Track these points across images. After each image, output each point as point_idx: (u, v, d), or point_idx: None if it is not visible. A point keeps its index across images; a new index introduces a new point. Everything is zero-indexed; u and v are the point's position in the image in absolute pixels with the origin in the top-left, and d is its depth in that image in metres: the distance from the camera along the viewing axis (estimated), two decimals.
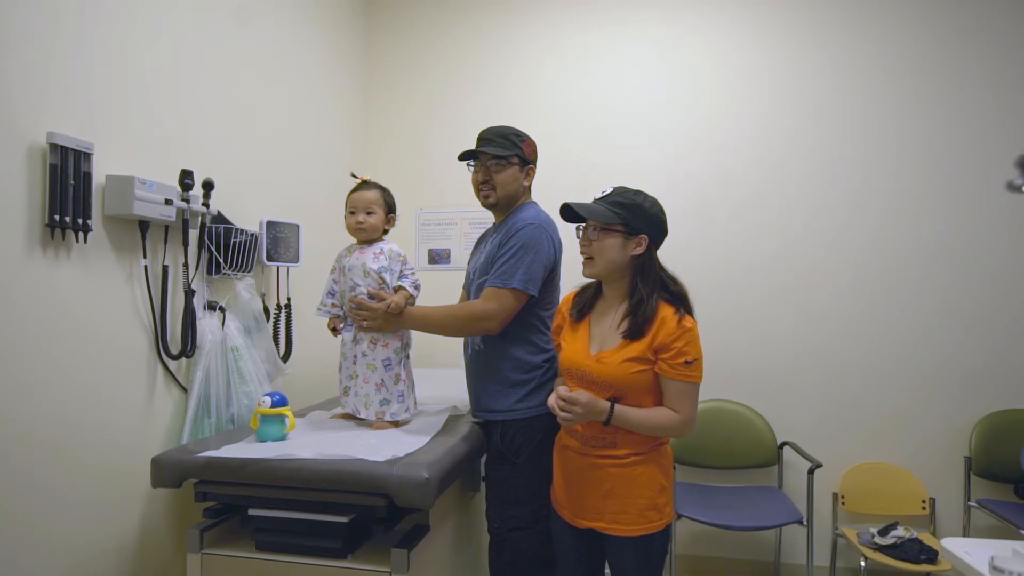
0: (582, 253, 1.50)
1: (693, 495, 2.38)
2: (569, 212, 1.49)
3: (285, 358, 2.11)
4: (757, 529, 2.08)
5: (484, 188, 1.76)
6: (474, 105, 2.85)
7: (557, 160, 2.73)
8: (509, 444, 1.69)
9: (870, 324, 2.50)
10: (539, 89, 2.79)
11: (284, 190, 2.23)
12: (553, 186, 2.67)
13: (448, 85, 2.87)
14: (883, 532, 2.24)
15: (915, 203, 2.49)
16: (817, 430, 2.51)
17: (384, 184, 2.95)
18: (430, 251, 2.84)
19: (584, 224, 1.50)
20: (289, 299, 2.15)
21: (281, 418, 1.51)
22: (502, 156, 1.72)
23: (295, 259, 2.12)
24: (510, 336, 1.72)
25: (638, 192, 1.49)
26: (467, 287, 1.90)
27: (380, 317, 1.66)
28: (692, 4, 2.67)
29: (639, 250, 1.46)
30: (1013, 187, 0.50)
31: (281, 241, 2.06)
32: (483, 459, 1.82)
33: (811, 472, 2.18)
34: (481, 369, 1.77)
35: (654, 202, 1.50)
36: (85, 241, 1.40)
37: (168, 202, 1.56)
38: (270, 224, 2.01)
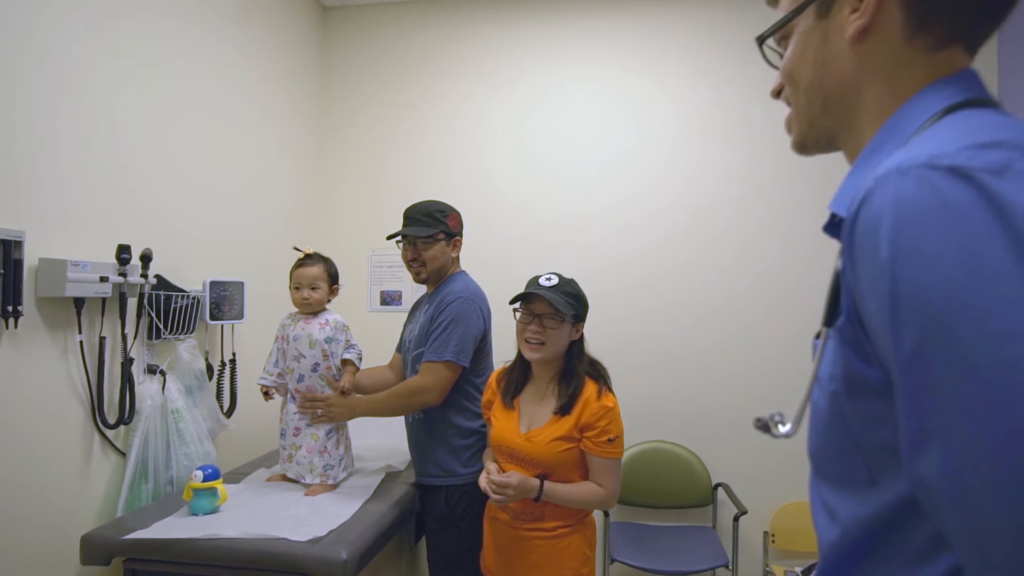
0: (533, 339, 1.55)
1: (629, 535, 2.48)
2: (528, 293, 1.56)
3: (229, 413, 2.16)
4: (685, 573, 2.19)
5: (414, 265, 1.87)
6: (425, 150, 2.91)
7: (499, 205, 2.81)
8: (454, 508, 1.78)
9: (806, 369, 2.61)
10: (486, 134, 2.87)
11: (231, 246, 2.27)
12: (497, 231, 2.77)
13: (401, 131, 2.93)
14: (806, 572, 2.35)
15: None
16: (751, 470, 2.62)
17: (337, 229, 3.01)
18: (382, 292, 2.90)
19: (526, 305, 1.57)
20: (234, 354, 2.20)
21: (213, 491, 1.56)
22: (428, 236, 1.81)
23: (240, 316, 2.17)
24: (447, 403, 1.81)
25: (573, 281, 1.60)
26: (403, 354, 1.98)
27: (334, 404, 1.75)
28: (642, 65, 2.76)
29: (576, 336, 1.58)
30: (760, 425, 0.59)
31: (225, 299, 2.10)
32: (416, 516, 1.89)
33: (736, 519, 2.29)
34: (423, 436, 1.86)
35: (582, 291, 1.61)
36: (16, 327, 1.44)
37: (103, 279, 1.60)
38: (214, 284, 2.06)
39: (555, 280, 1.57)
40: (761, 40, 0.67)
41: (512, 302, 1.59)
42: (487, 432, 1.81)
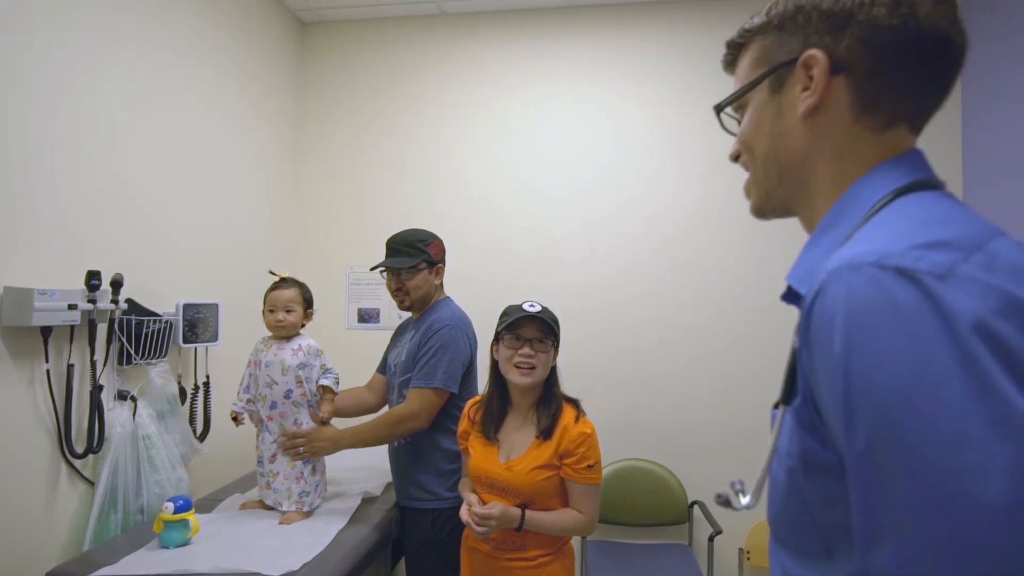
0: (525, 364, 1.56)
1: (606, 554, 2.49)
2: (518, 318, 1.56)
3: (202, 437, 2.12)
4: None
5: (398, 294, 1.90)
6: (405, 167, 2.90)
7: (479, 222, 2.82)
8: (439, 531, 1.78)
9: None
10: (466, 152, 2.87)
11: (206, 266, 2.23)
12: (476, 249, 2.77)
13: (380, 147, 2.92)
14: None
15: None
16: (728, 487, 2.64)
17: (315, 246, 2.99)
18: (359, 310, 2.88)
19: (515, 331, 1.58)
20: (208, 377, 2.17)
21: (184, 523, 1.54)
22: (410, 266, 1.85)
23: (214, 338, 2.14)
24: (435, 427, 1.83)
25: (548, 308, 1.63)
26: (388, 378, 1.99)
27: (315, 439, 1.73)
28: (618, 90, 2.79)
29: (554, 361, 1.61)
30: (721, 500, 0.60)
31: (199, 322, 2.07)
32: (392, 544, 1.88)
33: (711, 539, 2.31)
34: (408, 459, 1.87)
35: None
36: None
37: (72, 307, 1.57)
38: (187, 306, 2.03)
39: (538, 307, 1.59)
40: (719, 109, 0.69)
41: (504, 329, 1.58)
42: None
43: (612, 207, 2.77)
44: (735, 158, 0.70)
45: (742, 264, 2.69)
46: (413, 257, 1.86)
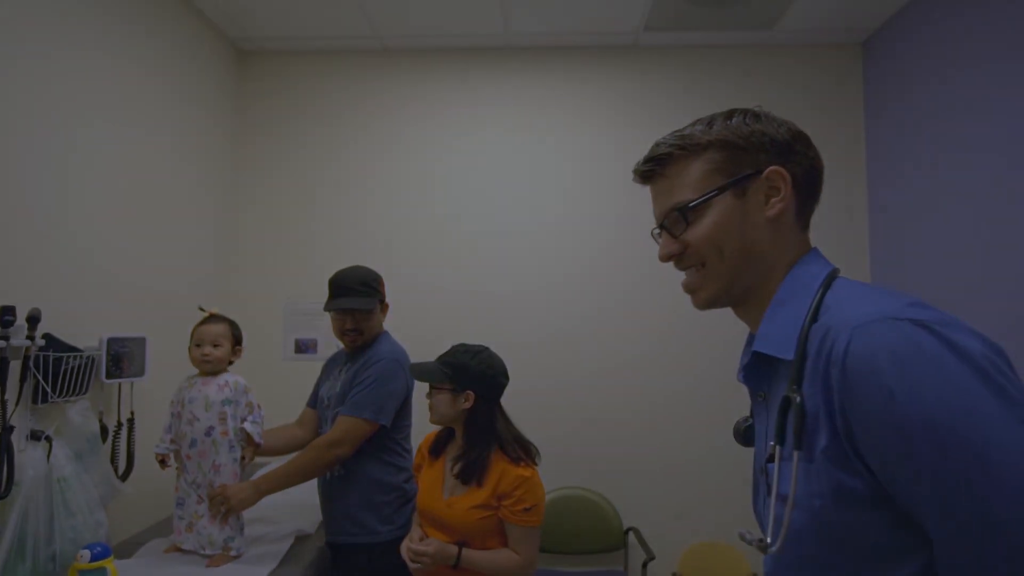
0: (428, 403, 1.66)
1: None
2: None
3: (125, 476, 2.03)
4: None
5: (351, 334, 1.85)
6: (343, 199, 2.90)
7: (418, 257, 2.84)
8: (376, 566, 1.76)
9: (709, 416, 2.76)
10: (404, 185, 2.90)
11: (134, 299, 2.16)
12: (414, 284, 2.77)
13: (316, 180, 2.91)
14: None
15: None
16: (662, 513, 2.72)
17: (251, 276, 2.93)
18: (297, 341, 2.84)
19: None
20: (132, 413, 2.08)
21: (102, 571, 1.47)
22: (369, 308, 1.83)
23: (140, 373, 2.06)
24: (370, 458, 1.81)
25: (467, 351, 1.65)
26: (320, 411, 1.96)
27: (233, 494, 1.66)
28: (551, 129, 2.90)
29: (467, 404, 1.61)
30: (755, 543, 0.68)
31: (124, 356, 2.00)
32: None
33: (645, 565, 2.38)
34: (340, 493, 1.83)
35: (481, 360, 1.64)
36: None
37: None
38: (112, 340, 1.95)
39: (448, 350, 1.66)
40: (684, 208, 0.77)
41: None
42: (409, 489, 1.83)
43: (554, 245, 2.85)
44: (668, 258, 0.82)
45: (675, 298, 2.81)
46: (371, 297, 1.84)
